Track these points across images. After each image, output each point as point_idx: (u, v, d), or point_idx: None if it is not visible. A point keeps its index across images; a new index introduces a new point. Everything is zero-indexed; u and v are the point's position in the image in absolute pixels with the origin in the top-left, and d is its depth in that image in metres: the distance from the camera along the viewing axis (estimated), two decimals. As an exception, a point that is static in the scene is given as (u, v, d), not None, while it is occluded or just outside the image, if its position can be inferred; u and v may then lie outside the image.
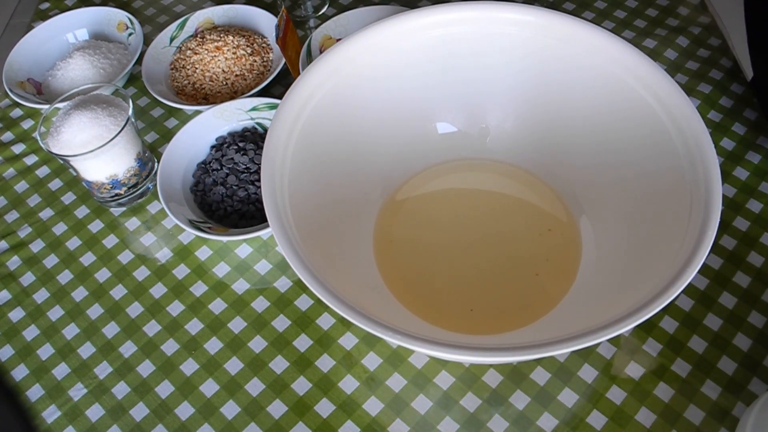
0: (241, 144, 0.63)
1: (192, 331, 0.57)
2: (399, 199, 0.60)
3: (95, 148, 0.58)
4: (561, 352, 0.39)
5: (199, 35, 0.76)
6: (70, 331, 0.57)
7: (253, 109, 0.66)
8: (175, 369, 0.55)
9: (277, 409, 0.52)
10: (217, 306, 0.58)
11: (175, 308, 0.58)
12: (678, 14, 0.76)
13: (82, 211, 0.65)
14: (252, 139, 0.65)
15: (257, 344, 0.55)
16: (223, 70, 0.72)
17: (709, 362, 0.52)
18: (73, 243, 0.63)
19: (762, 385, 0.50)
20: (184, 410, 0.53)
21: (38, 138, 0.60)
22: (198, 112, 0.68)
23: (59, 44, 0.78)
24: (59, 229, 0.64)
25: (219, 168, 0.62)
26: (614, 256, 0.52)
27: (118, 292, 0.59)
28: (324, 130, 0.54)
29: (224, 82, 0.72)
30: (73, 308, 0.59)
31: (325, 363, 0.54)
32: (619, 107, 0.53)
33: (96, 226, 0.64)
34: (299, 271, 0.43)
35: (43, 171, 0.69)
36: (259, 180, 0.61)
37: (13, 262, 0.62)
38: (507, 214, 0.59)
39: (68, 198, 0.66)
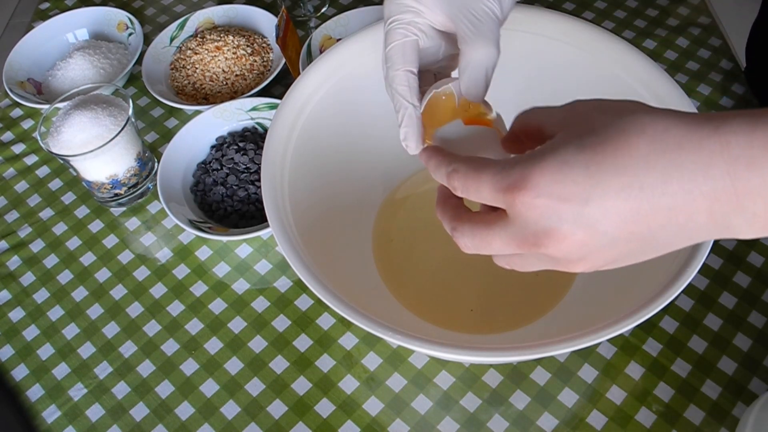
0: (241, 144, 0.63)
1: (192, 331, 0.57)
2: (399, 198, 0.60)
3: (95, 148, 0.58)
4: (561, 352, 0.39)
5: (199, 35, 0.76)
6: (70, 331, 0.57)
7: (253, 109, 0.66)
8: (175, 369, 0.55)
9: (277, 409, 0.52)
10: (217, 306, 0.58)
11: (175, 308, 0.58)
12: (678, 14, 0.76)
13: (82, 211, 0.65)
14: (252, 139, 0.65)
15: (257, 344, 0.55)
16: (223, 70, 0.72)
17: (709, 362, 0.52)
18: (73, 243, 0.63)
19: (762, 385, 0.50)
20: (184, 410, 0.53)
21: (38, 138, 0.60)
22: (198, 112, 0.68)
23: (59, 44, 0.78)
24: (59, 229, 0.64)
25: (219, 168, 0.62)
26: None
27: (118, 292, 0.59)
28: (324, 130, 0.54)
29: (224, 82, 0.72)
30: (73, 308, 0.59)
31: (325, 363, 0.54)
32: (619, 107, 0.53)
33: (96, 226, 0.64)
34: (299, 271, 0.43)
35: (43, 171, 0.69)
36: (259, 180, 0.61)
37: (13, 262, 0.62)
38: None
39: (68, 198, 0.66)
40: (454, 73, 0.42)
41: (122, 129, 0.59)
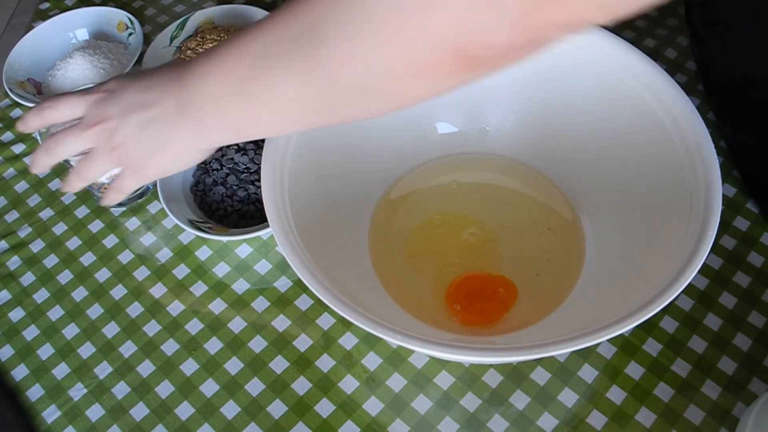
0: (241, 144, 0.63)
1: (192, 331, 0.57)
2: (399, 198, 0.60)
3: (95, 148, 0.58)
4: (561, 352, 0.39)
5: (199, 35, 0.76)
6: (70, 331, 0.57)
7: (253, 109, 0.66)
8: (175, 369, 0.55)
9: (277, 409, 0.52)
10: (217, 306, 0.58)
11: (175, 308, 0.58)
12: (678, 14, 0.76)
13: (82, 211, 0.65)
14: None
15: (257, 344, 0.55)
16: (223, 70, 0.72)
17: (709, 362, 0.52)
18: (73, 243, 0.63)
19: (762, 385, 0.50)
20: (184, 410, 0.53)
21: (38, 138, 0.60)
22: (198, 112, 0.68)
23: (59, 44, 0.78)
24: (59, 229, 0.64)
25: (219, 168, 0.62)
26: (614, 256, 0.52)
27: (118, 292, 0.59)
28: (324, 130, 0.54)
29: (224, 82, 0.72)
30: (73, 308, 0.59)
31: (325, 363, 0.54)
32: (619, 107, 0.53)
33: (96, 226, 0.64)
34: (299, 271, 0.43)
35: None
36: (259, 180, 0.61)
37: (13, 262, 0.62)
38: (507, 213, 0.59)
39: (68, 198, 0.66)
40: None
41: (122, 129, 0.59)
